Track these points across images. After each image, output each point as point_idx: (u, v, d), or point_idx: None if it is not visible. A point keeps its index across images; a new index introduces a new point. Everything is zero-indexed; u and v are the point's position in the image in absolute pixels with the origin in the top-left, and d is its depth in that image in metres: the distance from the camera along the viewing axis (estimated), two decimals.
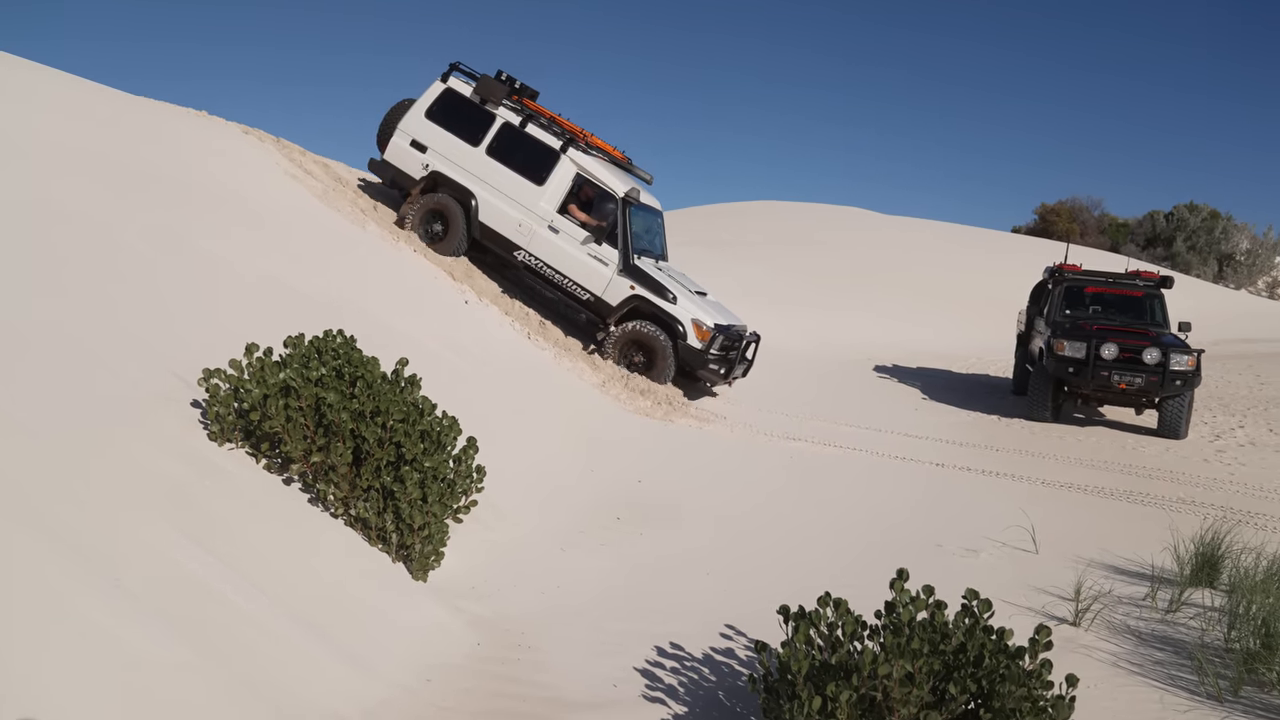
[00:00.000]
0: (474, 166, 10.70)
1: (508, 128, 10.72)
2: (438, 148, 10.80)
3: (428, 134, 10.87)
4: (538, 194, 10.52)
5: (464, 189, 10.68)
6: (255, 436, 4.46)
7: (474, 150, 10.71)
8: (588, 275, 10.41)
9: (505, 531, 5.48)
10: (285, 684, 3.27)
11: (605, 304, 10.39)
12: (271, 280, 6.92)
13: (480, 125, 10.77)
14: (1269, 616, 4.45)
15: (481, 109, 10.79)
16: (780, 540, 6.25)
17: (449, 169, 10.74)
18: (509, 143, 10.70)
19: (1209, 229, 37.81)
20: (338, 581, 4.08)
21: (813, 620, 3.40)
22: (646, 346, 10.31)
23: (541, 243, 10.49)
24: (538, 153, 10.63)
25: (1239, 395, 14.38)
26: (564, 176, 10.53)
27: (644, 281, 10.32)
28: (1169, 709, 4.06)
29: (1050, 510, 7.47)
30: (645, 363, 10.36)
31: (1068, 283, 13.07)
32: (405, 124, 10.97)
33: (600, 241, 10.35)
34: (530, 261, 10.55)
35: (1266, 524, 7.54)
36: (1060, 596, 5.29)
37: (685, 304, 10.29)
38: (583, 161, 10.57)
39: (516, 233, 10.55)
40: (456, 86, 10.92)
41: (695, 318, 10.19)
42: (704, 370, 10.36)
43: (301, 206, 9.34)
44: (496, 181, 10.63)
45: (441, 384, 6.39)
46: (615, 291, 10.35)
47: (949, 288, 24.61)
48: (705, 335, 10.14)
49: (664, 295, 10.27)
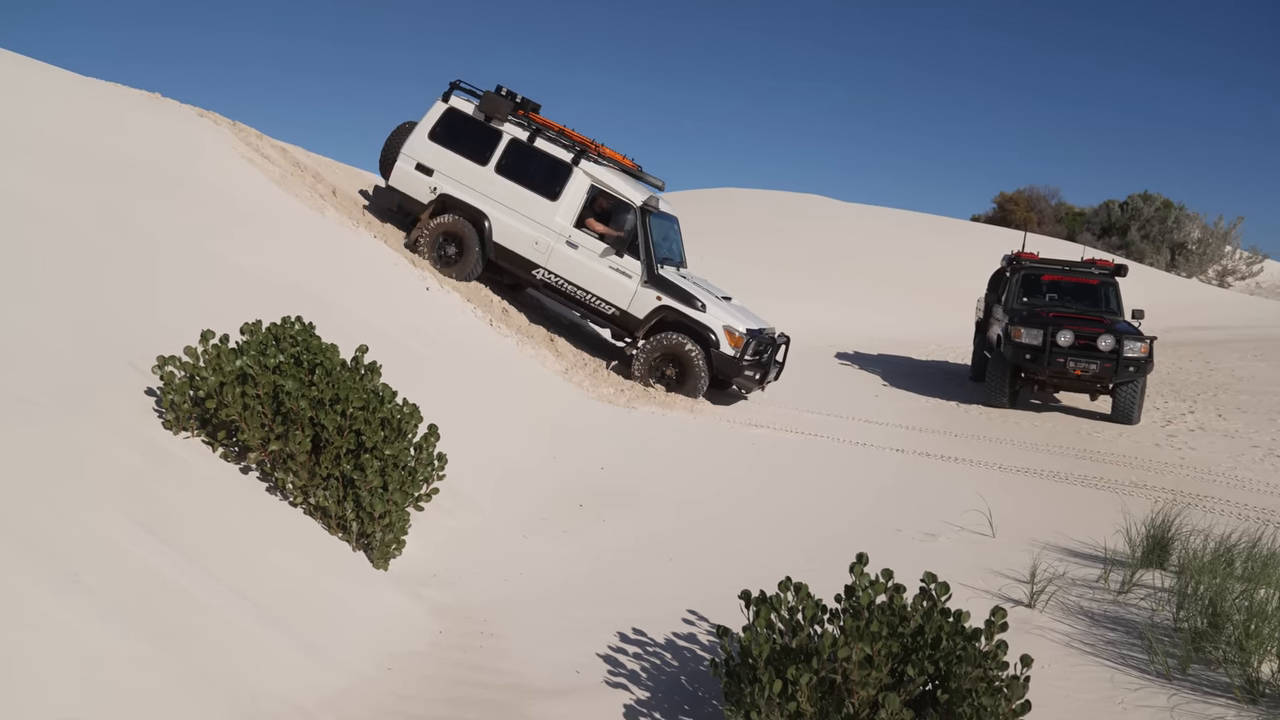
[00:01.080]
0: (484, 186, 10.41)
1: (516, 144, 10.43)
2: (444, 169, 10.51)
3: (433, 156, 10.57)
4: (552, 209, 10.25)
5: (475, 210, 10.39)
6: (212, 425, 4.39)
7: (483, 169, 10.43)
8: (611, 289, 10.13)
9: (467, 519, 5.46)
10: (243, 674, 3.24)
11: (631, 317, 10.12)
12: (227, 266, 6.81)
13: (487, 143, 10.48)
14: (1216, 596, 4.57)
15: (487, 126, 10.50)
16: (742, 526, 6.29)
17: (458, 190, 10.46)
18: (518, 159, 10.43)
19: (1162, 218, 38.53)
20: (297, 571, 4.04)
21: (773, 605, 3.43)
22: (678, 359, 9.96)
23: (560, 259, 10.21)
24: (549, 167, 10.36)
25: (1189, 381, 14.71)
26: (578, 189, 10.27)
27: (671, 291, 10.05)
28: (1120, 687, 4.15)
29: (1007, 494, 7.59)
30: (677, 376, 10.01)
31: (1025, 271, 13.27)
32: (409, 148, 10.65)
33: (621, 253, 10.09)
34: (550, 279, 10.27)
35: (1214, 506, 7.73)
36: (1016, 579, 5.39)
37: (715, 311, 10.02)
38: (596, 173, 10.32)
39: (533, 251, 10.27)
40: (459, 105, 10.63)
41: (727, 325, 9.92)
42: (740, 378, 10.08)
43: (258, 191, 9.19)
44: (508, 200, 10.35)
45: (402, 371, 6.33)
46: (641, 304, 10.08)
47: (909, 275, 24.86)
48: (739, 342, 9.87)
49: (693, 304, 10.00)
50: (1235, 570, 5.04)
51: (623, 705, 3.74)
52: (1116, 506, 7.22)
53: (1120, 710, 3.96)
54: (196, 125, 10.22)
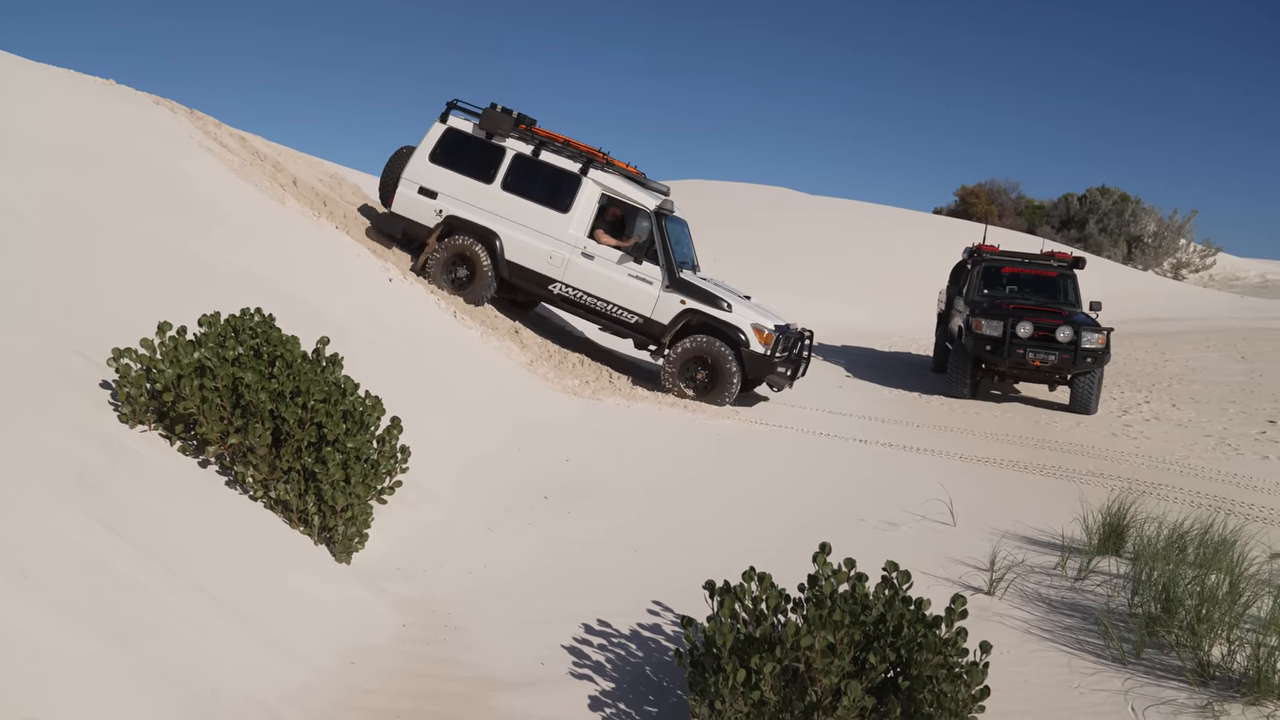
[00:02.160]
0: (491, 204, 10.25)
1: (521, 159, 10.28)
2: (449, 191, 10.33)
3: (435, 179, 10.39)
4: (564, 221, 10.10)
5: (485, 229, 10.23)
6: (169, 418, 4.32)
7: (488, 188, 10.27)
8: (632, 297, 9.99)
9: (431, 512, 5.42)
10: (202, 670, 3.20)
11: (656, 324, 9.98)
12: (185, 256, 6.69)
13: (491, 161, 10.32)
14: (1169, 582, 4.66)
15: (489, 144, 10.34)
16: (707, 517, 6.31)
17: (465, 211, 10.29)
18: (525, 174, 10.28)
19: (1119, 212, 39.18)
20: (257, 565, 3.99)
21: (737, 595, 3.44)
22: (709, 361, 9.82)
23: (577, 271, 10.06)
24: (557, 179, 10.21)
25: (1145, 372, 14.99)
26: (589, 199, 10.14)
27: (694, 294, 9.92)
28: (1076, 672, 4.23)
29: (967, 484, 7.70)
30: (708, 379, 9.87)
31: (986, 263, 13.44)
32: (410, 172, 10.46)
33: (640, 260, 9.96)
34: (568, 293, 10.12)
35: (1168, 494, 7.89)
36: (976, 567, 5.46)
37: (741, 310, 9.92)
38: (606, 181, 10.19)
39: (548, 265, 10.12)
40: (458, 125, 10.46)
41: (755, 323, 9.82)
42: (772, 376, 9.95)
43: (217, 180, 9.03)
44: (518, 216, 10.19)
45: (365, 363, 6.27)
46: (665, 309, 9.95)
47: (873, 267, 25.07)
48: (768, 339, 9.76)
49: (718, 305, 9.88)
50: (1188, 556, 5.15)
51: (587, 696, 3.75)
52: (1074, 495, 7.34)
53: (1077, 694, 4.03)
54: (153, 113, 10.03)
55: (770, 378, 10.02)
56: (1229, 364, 15.60)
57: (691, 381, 9.91)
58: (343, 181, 12.42)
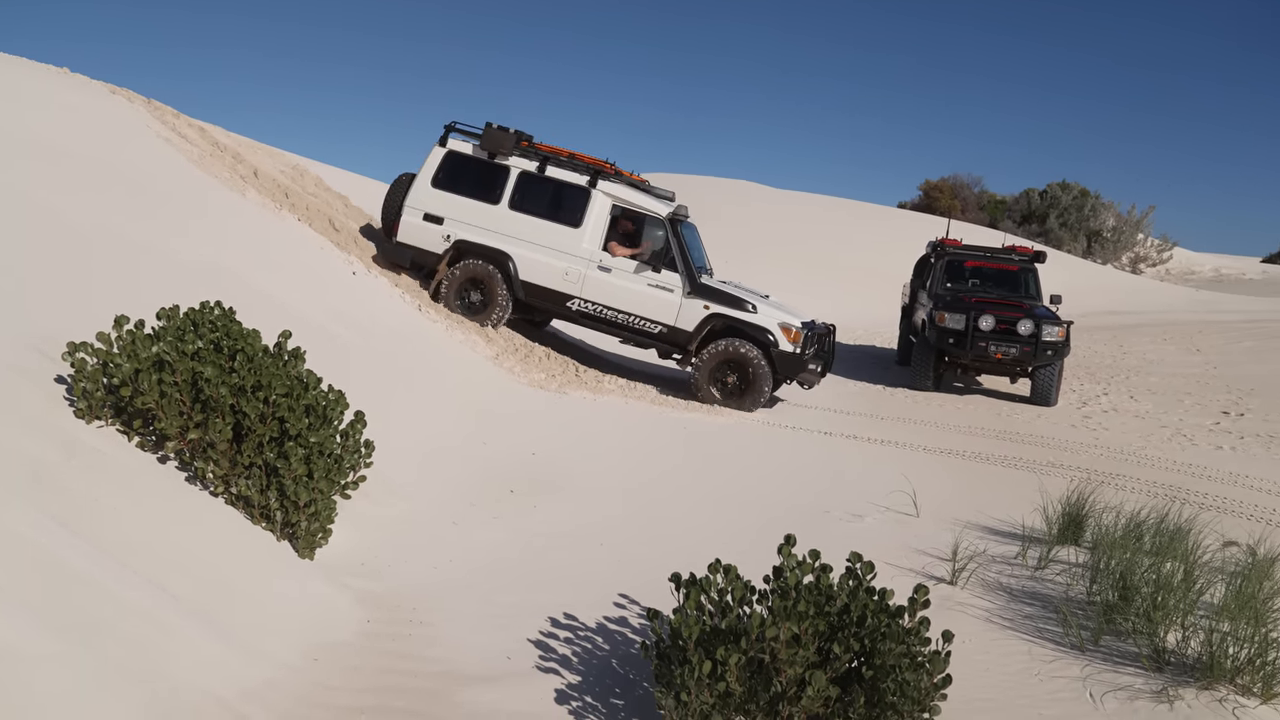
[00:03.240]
0: (500, 225, 10.07)
1: (526, 176, 10.11)
2: (455, 215, 10.14)
3: (440, 204, 10.19)
4: (577, 236, 9.95)
5: (496, 251, 10.05)
6: (127, 413, 4.24)
7: (496, 208, 10.09)
8: (654, 307, 9.85)
9: (395, 507, 5.38)
10: (162, 668, 3.15)
11: (681, 332, 9.84)
12: (143, 249, 6.58)
13: (495, 181, 10.14)
14: (1126, 570, 4.75)
15: (492, 164, 10.16)
16: (674, 510, 6.32)
17: (474, 234, 10.10)
18: (532, 191, 10.11)
19: (1079, 206, 39.75)
20: (218, 562, 3.94)
21: (703, 587, 3.46)
22: (740, 364, 9.67)
23: (595, 286, 9.92)
24: (566, 194, 10.06)
25: (1104, 364, 15.24)
26: (600, 211, 10.00)
27: (718, 298, 9.80)
28: (1036, 660, 4.29)
29: (931, 475, 7.78)
30: (739, 383, 9.72)
31: (949, 257, 13.59)
32: (412, 199, 10.25)
33: (658, 268, 9.83)
34: (588, 309, 9.97)
35: (1126, 484, 8.03)
36: (939, 557, 5.53)
37: (766, 310, 9.80)
38: (616, 192, 10.05)
39: (564, 282, 9.96)
40: (458, 148, 10.27)
41: (782, 322, 9.71)
42: (804, 373, 9.85)
43: (175, 171, 8.89)
44: (529, 235, 10.01)
45: (328, 357, 6.21)
46: (689, 316, 9.80)
47: (837, 261, 25.24)
48: (797, 337, 9.67)
49: (743, 307, 9.75)
50: (1144, 545, 5.25)
51: (554, 689, 3.74)
52: (1034, 486, 7.45)
53: (1037, 681, 4.10)
54: (109, 103, 9.84)
55: (803, 375, 9.92)
56: (1185, 356, 15.91)
57: (722, 386, 9.78)
58: (305, 173, 12.27)
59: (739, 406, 9.70)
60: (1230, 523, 6.87)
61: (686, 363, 10.04)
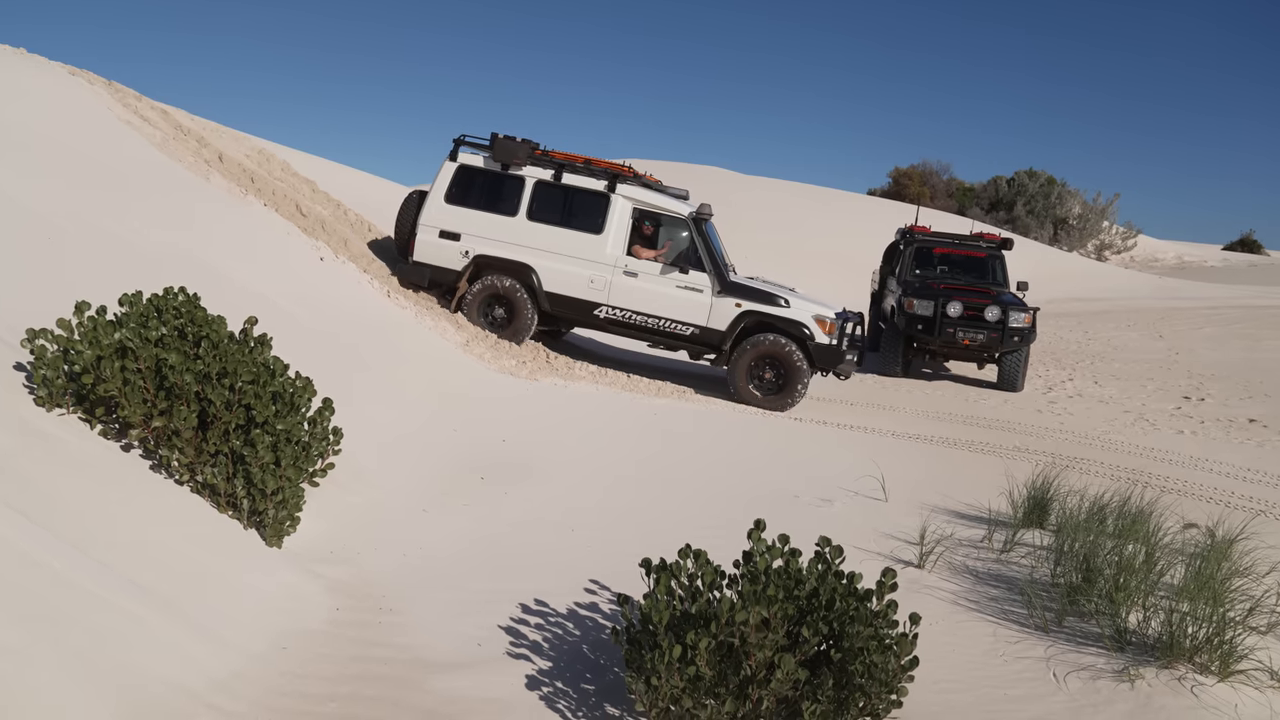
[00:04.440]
0: (520, 237, 9.90)
1: (542, 185, 9.94)
2: (472, 230, 9.96)
3: (455, 220, 10.01)
4: (600, 243, 9.81)
5: (518, 264, 9.89)
6: (89, 401, 4.18)
7: (514, 220, 9.92)
8: (685, 309, 9.72)
9: (365, 494, 5.35)
10: (127, 661, 3.12)
11: (713, 332, 9.72)
12: (105, 234, 6.47)
13: (511, 192, 9.97)
14: (1089, 553, 4.84)
15: (506, 175, 9.98)
16: (645, 495, 6.34)
17: (493, 248, 9.93)
18: (549, 201, 9.93)
19: (1046, 194, 40.18)
20: (184, 551, 3.89)
21: (673, 572, 3.47)
22: (777, 359, 9.56)
23: (622, 292, 9.78)
24: (585, 201, 9.89)
25: (1069, 350, 15.45)
26: (622, 216, 9.85)
27: (749, 295, 9.68)
28: (1001, 641, 4.36)
29: (899, 460, 7.86)
30: (776, 379, 9.61)
31: (918, 244, 13.69)
32: (427, 217, 10.06)
33: (686, 269, 9.71)
34: (616, 315, 9.83)
35: (1089, 468, 8.16)
36: (907, 541, 5.59)
37: (799, 303, 9.67)
38: (636, 195, 9.90)
39: (590, 290, 9.82)
40: (470, 161, 10.08)
41: (816, 314, 9.58)
42: (842, 365, 9.75)
43: (137, 155, 8.73)
44: (550, 245, 9.86)
45: (295, 344, 6.14)
46: (720, 316, 9.69)
47: (807, 247, 25.33)
48: (832, 328, 9.56)
49: (775, 302, 9.63)
50: (1107, 528, 5.34)
51: (525, 675, 3.75)
52: (1001, 470, 7.55)
53: (1002, 662, 4.17)
54: (69, 85, 9.63)
55: (841, 367, 9.83)
56: (1148, 342, 16.17)
57: (760, 382, 9.70)
58: (271, 158, 12.09)
59: (775, 405, 9.58)
60: (1190, 505, 7.01)
61: (721, 363, 9.91)
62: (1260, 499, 7.57)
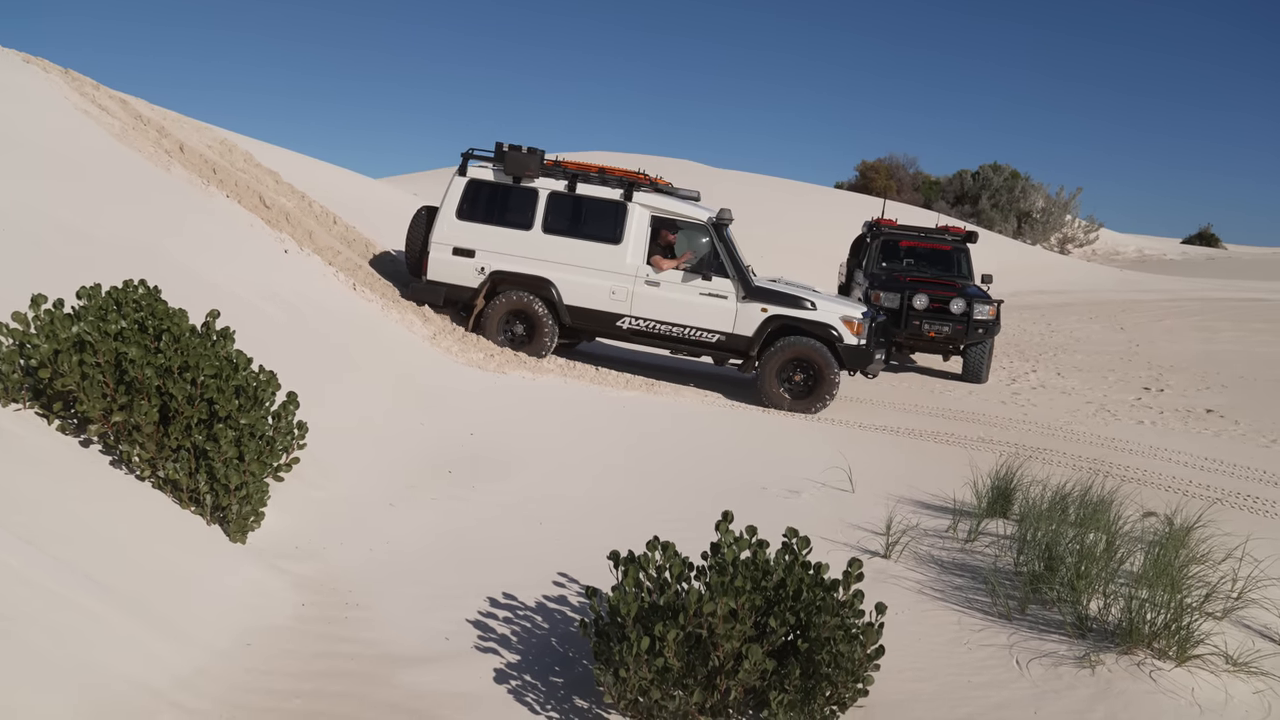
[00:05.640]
0: (536, 250, 9.71)
1: (557, 197, 9.76)
2: (486, 245, 9.77)
3: (469, 236, 9.82)
4: (619, 253, 9.64)
5: (536, 278, 9.71)
6: (46, 396, 4.11)
7: (529, 234, 9.73)
8: (709, 316, 9.57)
9: (331, 489, 5.30)
10: (89, 659, 3.07)
11: (739, 338, 9.55)
12: (62, 226, 6.34)
13: (525, 205, 9.78)
14: (1051, 542, 4.91)
15: (519, 188, 9.79)
16: (614, 488, 6.34)
17: (509, 263, 9.74)
18: (564, 212, 9.76)
19: (1010, 188, 40.66)
20: (145, 547, 3.84)
21: (641, 564, 3.48)
22: (806, 362, 9.40)
23: (644, 302, 9.62)
24: (601, 210, 9.72)
25: (1033, 342, 15.66)
26: (640, 224, 9.68)
27: (774, 299, 9.52)
28: (966, 629, 4.42)
29: (866, 451, 7.92)
30: (806, 382, 9.45)
31: (884, 237, 13.79)
32: (439, 234, 9.86)
33: (708, 276, 9.56)
34: (639, 326, 9.67)
35: (1052, 458, 8.27)
36: (873, 531, 5.64)
37: (826, 305, 9.53)
38: (653, 202, 9.74)
39: (612, 302, 9.65)
40: (480, 175, 9.88)
41: (844, 315, 9.45)
42: (871, 365, 9.65)
43: (95, 145, 8.57)
44: (568, 257, 9.68)
45: (258, 337, 6.07)
46: (746, 322, 9.52)
47: (775, 241, 25.42)
48: (860, 329, 9.44)
49: (801, 305, 9.48)
50: (1069, 517, 5.42)
51: (493, 669, 3.74)
52: (965, 461, 7.64)
53: (966, 650, 4.22)
54: (22, 72, 9.43)
55: (870, 367, 9.76)
56: (1110, 334, 16.43)
57: (790, 385, 9.54)
58: (234, 148, 11.92)
59: (805, 408, 9.45)
60: (1149, 494, 7.13)
61: (748, 368, 9.76)
62: (1217, 487, 7.72)
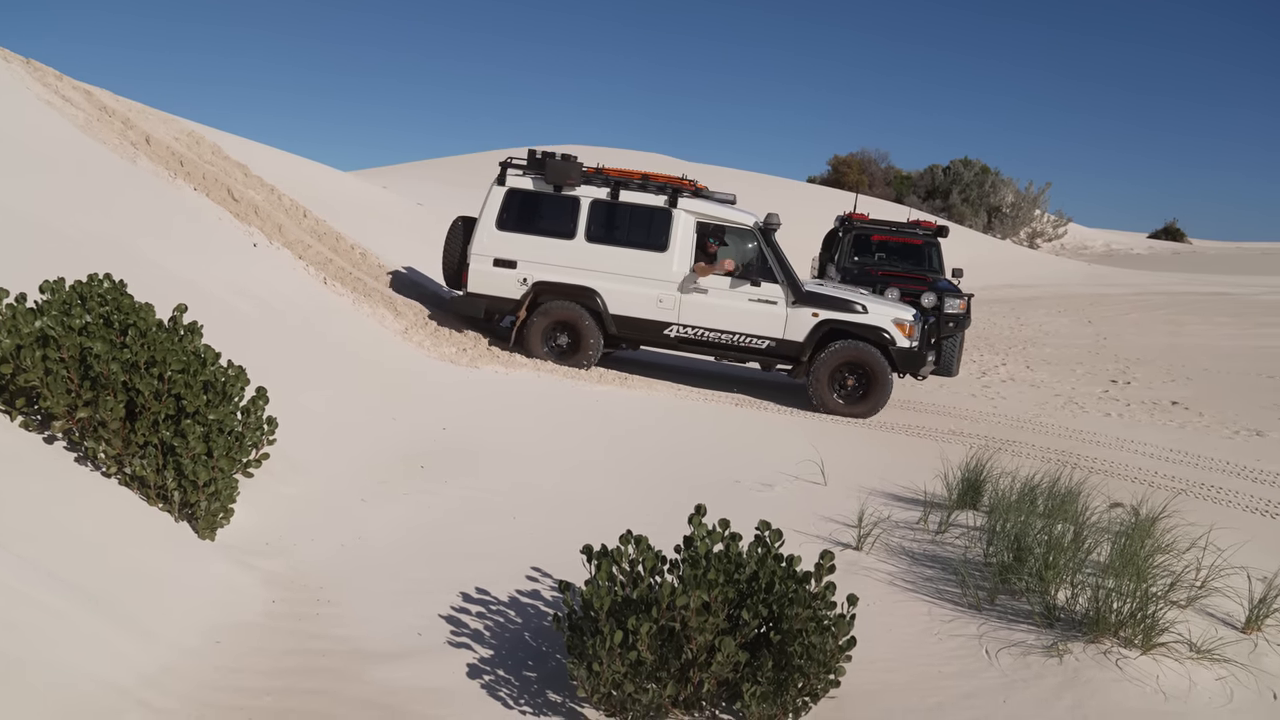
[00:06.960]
0: (579, 260, 9.60)
1: (599, 205, 9.63)
2: (528, 256, 9.64)
3: (509, 247, 9.68)
4: (666, 260, 9.54)
5: (581, 288, 9.61)
6: (9, 392, 4.04)
7: (572, 243, 9.61)
8: (759, 322, 9.48)
9: (301, 485, 5.26)
10: (54, 658, 3.03)
11: (790, 344, 9.44)
12: (24, 219, 6.23)
13: (567, 214, 9.65)
14: (1020, 533, 4.96)
15: (560, 197, 9.64)
16: (587, 483, 6.33)
17: (552, 273, 9.63)
18: (607, 220, 9.65)
19: (980, 183, 41.01)
20: (112, 545, 3.79)
21: (614, 558, 3.48)
22: (860, 366, 9.29)
23: (692, 309, 9.52)
24: (646, 218, 9.59)
25: (1002, 336, 15.82)
26: (686, 231, 9.55)
27: (826, 303, 9.41)
28: (936, 620, 4.46)
29: (838, 445, 7.97)
30: (859, 386, 9.34)
31: (856, 231, 13.85)
32: (478, 245, 9.70)
33: (757, 281, 9.45)
34: (688, 334, 9.57)
35: (1021, 450, 8.37)
36: (845, 524, 5.68)
37: (877, 308, 9.44)
38: (698, 208, 9.60)
39: (659, 310, 9.56)
40: (518, 184, 9.72)
41: (896, 318, 9.36)
42: (923, 367, 9.56)
43: (59, 136, 8.43)
44: (613, 266, 9.56)
45: (227, 332, 6.00)
46: (797, 327, 9.41)
47: None
48: (912, 331, 9.32)
49: (853, 309, 9.37)
50: (1037, 508, 5.49)
51: (466, 664, 3.73)
52: (936, 453, 7.70)
53: (937, 640, 4.26)
54: None
55: (923, 370, 9.71)
56: (1078, 328, 16.62)
57: (842, 389, 9.45)
58: (201, 141, 11.77)
59: (860, 413, 9.35)
60: (1116, 485, 7.23)
61: (800, 374, 9.66)
62: (1181, 478, 7.85)
